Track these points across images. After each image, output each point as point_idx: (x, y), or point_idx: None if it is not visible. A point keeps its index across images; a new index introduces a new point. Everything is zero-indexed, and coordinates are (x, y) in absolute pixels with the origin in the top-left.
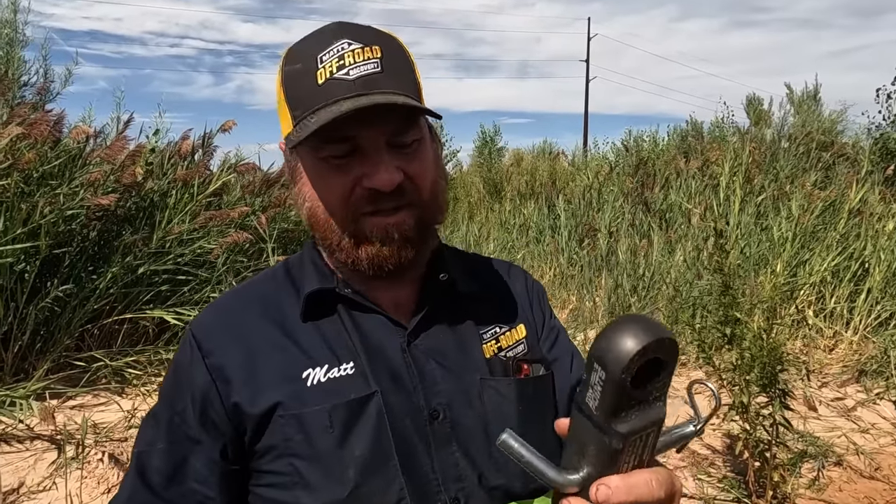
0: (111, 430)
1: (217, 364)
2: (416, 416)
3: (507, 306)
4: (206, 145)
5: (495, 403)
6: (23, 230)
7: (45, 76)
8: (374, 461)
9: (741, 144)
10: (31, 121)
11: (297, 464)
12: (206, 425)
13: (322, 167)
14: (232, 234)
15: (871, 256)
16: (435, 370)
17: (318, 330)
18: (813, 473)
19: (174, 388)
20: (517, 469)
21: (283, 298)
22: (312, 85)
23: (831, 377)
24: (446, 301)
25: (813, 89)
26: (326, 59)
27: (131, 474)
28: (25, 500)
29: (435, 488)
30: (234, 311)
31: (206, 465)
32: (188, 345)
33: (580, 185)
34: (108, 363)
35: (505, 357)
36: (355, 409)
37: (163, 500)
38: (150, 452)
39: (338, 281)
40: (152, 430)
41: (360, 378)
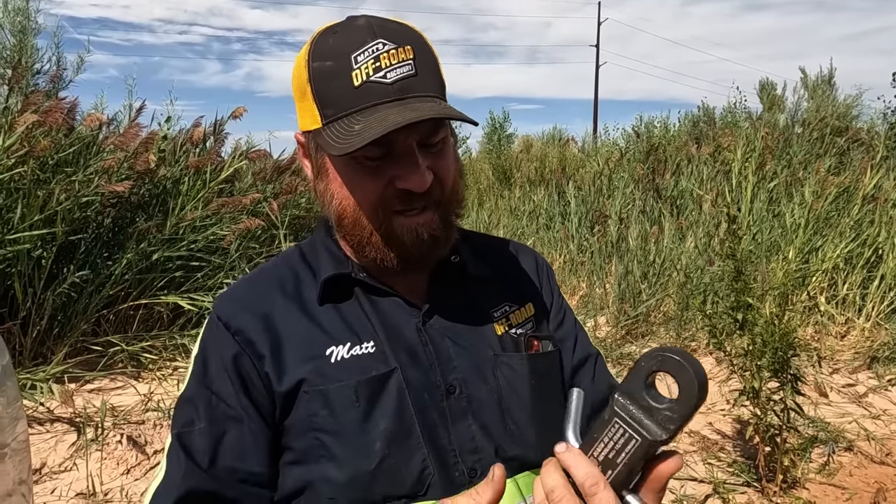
0: (129, 413)
1: (247, 341)
2: (434, 392)
3: (516, 286)
4: (218, 132)
5: (508, 378)
6: (39, 217)
7: (58, 64)
8: (398, 434)
9: (754, 130)
10: (45, 109)
11: (323, 438)
12: (247, 397)
13: (355, 168)
14: (244, 220)
15: (885, 243)
16: (450, 348)
17: (338, 311)
18: (823, 458)
19: (207, 370)
20: (532, 440)
21: (301, 282)
22: (348, 86)
23: (843, 364)
24: (458, 282)
25: (828, 73)
26: (362, 60)
27: (178, 455)
28: (48, 480)
29: (453, 459)
30: (255, 293)
31: (250, 440)
32: (215, 327)
33: (590, 172)
34: (125, 348)
35: (516, 334)
36: (378, 385)
37: (213, 477)
38: (192, 433)
39: (353, 266)
40: (190, 412)
41: (381, 356)
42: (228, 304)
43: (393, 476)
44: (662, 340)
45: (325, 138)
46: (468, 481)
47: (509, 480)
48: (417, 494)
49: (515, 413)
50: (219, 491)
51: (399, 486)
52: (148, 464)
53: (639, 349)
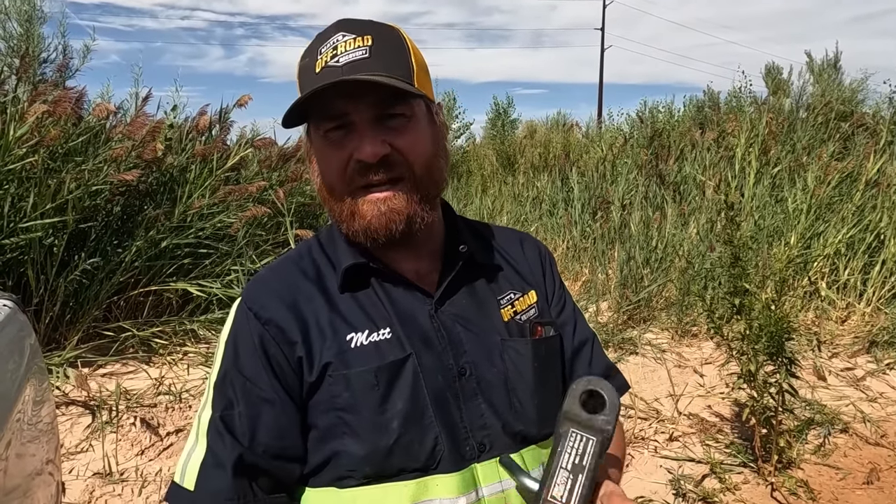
0: (141, 397)
1: (277, 329)
2: (447, 374)
3: (520, 274)
4: (223, 120)
5: (514, 361)
6: (51, 205)
7: (65, 53)
8: (413, 413)
9: (758, 115)
10: (54, 99)
11: (345, 417)
12: (279, 384)
13: (324, 144)
14: (251, 208)
15: (887, 228)
16: (461, 333)
17: (356, 300)
18: (819, 440)
19: (239, 356)
20: (534, 417)
21: (322, 270)
22: (312, 74)
23: (842, 348)
24: (465, 270)
25: (833, 57)
26: (323, 51)
27: (223, 433)
28: (65, 461)
29: (464, 435)
30: (282, 282)
31: (284, 418)
32: (244, 317)
33: (594, 158)
34: (136, 333)
35: (521, 320)
36: (395, 370)
37: (256, 455)
38: (232, 416)
39: (369, 256)
40: (229, 395)
41: (396, 342)
42: (258, 294)
43: (407, 452)
44: (664, 325)
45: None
46: (478, 455)
47: (516, 455)
48: (430, 468)
49: (520, 393)
50: (260, 464)
51: (413, 460)
52: (161, 445)
53: (640, 334)
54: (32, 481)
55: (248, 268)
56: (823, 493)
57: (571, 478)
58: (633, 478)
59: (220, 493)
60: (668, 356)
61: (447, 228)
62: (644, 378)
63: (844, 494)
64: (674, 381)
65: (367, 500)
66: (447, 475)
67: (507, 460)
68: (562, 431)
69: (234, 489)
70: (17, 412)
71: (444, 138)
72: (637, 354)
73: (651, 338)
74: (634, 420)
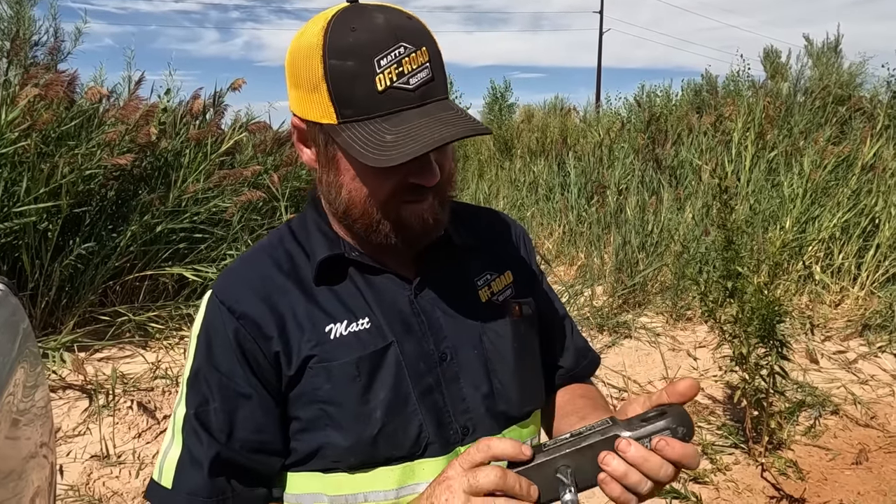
0: (138, 381)
1: (252, 323)
2: (428, 360)
3: (496, 254)
4: (217, 104)
5: (494, 342)
6: (44, 190)
7: (56, 36)
8: (396, 402)
9: (755, 99)
10: (46, 82)
11: (327, 409)
12: (256, 379)
13: (370, 167)
14: (245, 192)
15: (882, 212)
16: (440, 317)
17: (333, 291)
18: (810, 422)
19: (213, 352)
20: (515, 397)
21: (296, 261)
22: (371, 90)
23: (835, 331)
24: (443, 253)
25: (834, 40)
26: (385, 65)
27: (198, 431)
28: (63, 444)
29: (447, 419)
30: (254, 274)
31: (261, 413)
32: (217, 310)
33: (591, 142)
34: (132, 318)
35: (498, 301)
36: (377, 359)
37: (231, 449)
38: (208, 411)
39: (345, 245)
40: (203, 391)
41: (376, 331)
42: (231, 287)
43: (392, 441)
44: (659, 309)
45: (346, 139)
46: (461, 439)
47: (497, 437)
48: (415, 455)
49: (500, 374)
50: (238, 460)
51: (398, 448)
52: (158, 428)
53: (635, 318)
54: (27, 464)
55: (243, 252)
56: (812, 472)
57: (574, 440)
58: None
59: (196, 491)
60: (663, 340)
61: None
62: (638, 361)
63: (833, 474)
64: (667, 364)
65: (353, 485)
66: (433, 459)
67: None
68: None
69: (211, 488)
70: (8, 395)
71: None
72: (631, 338)
73: (646, 321)
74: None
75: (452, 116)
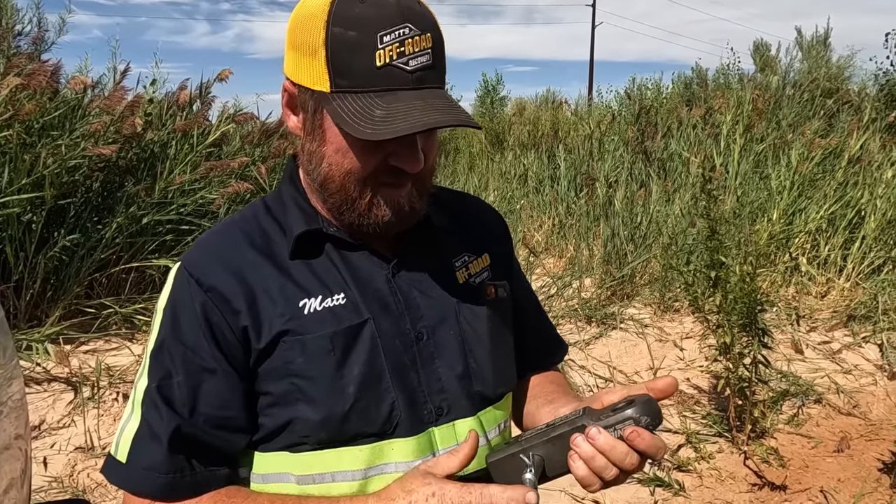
0: (124, 373)
1: (220, 297)
2: (404, 339)
3: (474, 238)
4: (204, 95)
5: (470, 322)
6: (27, 181)
7: (40, 25)
8: (370, 378)
9: (744, 92)
10: (28, 72)
11: (298, 382)
12: (221, 352)
13: (360, 140)
14: (233, 184)
15: (868, 204)
16: (417, 297)
17: (308, 266)
18: (793, 410)
19: (179, 325)
20: (490, 377)
21: (270, 236)
22: (369, 64)
23: (821, 322)
24: (422, 233)
25: (823, 33)
26: (388, 42)
27: (159, 404)
28: (47, 436)
29: (422, 399)
30: (225, 248)
31: (225, 388)
32: (185, 282)
33: (581, 135)
34: (118, 310)
35: (475, 282)
36: (352, 335)
37: (193, 425)
38: (171, 385)
39: (323, 221)
40: (166, 364)
41: (352, 307)
42: (200, 259)
43: (364, 417)
44: (646, 301)
45: (336, 108)
46: (436, 419)
47: (471, 418)
48: (386, 433)
49: (477, 354)
50: (200, 436)
51: (370, 424)
52: None
53: (622, 309)
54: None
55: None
56: (794, 460)
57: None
58: None
59: (153, 466)
60: (650, 331)
61: None
62: (625, 352)
63: (815, 462)
64: (654, 354)
65: (321, 464)
66: (403, 439)
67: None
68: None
69: (169, 463)
70: None
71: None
72: (619, 329)
73: (633, 313)
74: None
75: (445, 105)
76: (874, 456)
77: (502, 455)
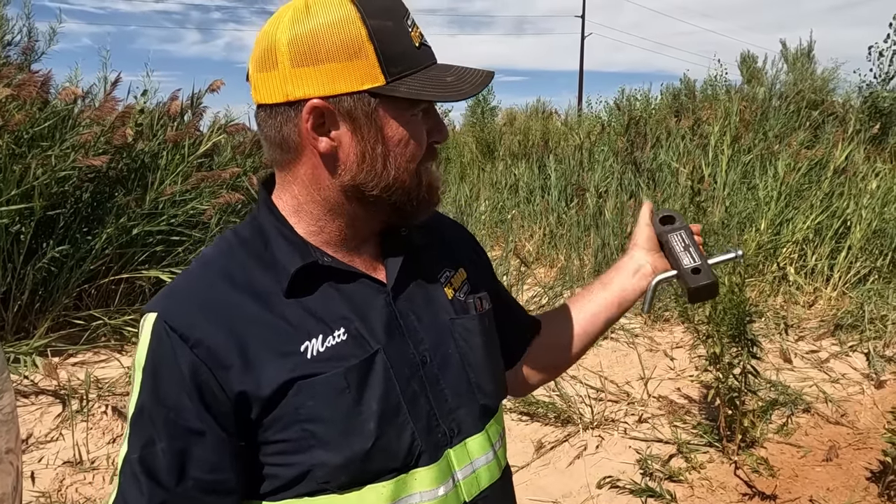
0: (113, 385)
1: (208, 352)
2: (411, 364)
3: (450, 252)
4: (195, 106)
5: (465, 338)
6: (16, 191)
7: (30, 35)
8: (388, 412)
9: (732, 103)
10: (18, 82)
11: (311, 427)
12: (209, 414)
13: (414, 122)
14: (224, 194)
15: (853, 214)
16: (414, 320)
17: (300, 303)
18: (782, 420)
19: (159, 385)
20: (490, 389)
21: (252, 273)
22: (411, 46)
23: (808, 331)
24: (406, 252)
25: (807, 46)
26: (410, 25)
27: (139, 478)
28: (35, 450)
29: (434, 423)
30: (205, 292)
31: (214, 451)
32: (165, 337)
33: (571, 145)
34: (107, 321)
35: (461, 297)
36: (365, 368)
37: (179, 496)
38: (154, 453)
39: (315, 251)
40: (148, 431)
41: (355, 340)
42: (178, 311)
43: (387, 452)
44: (636, 310)
45: (407, 91)
46: (449, 441)
47: (480, 434)
48: (409, 465)
49: (476, 369)
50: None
51: (393, 460)
52: None
53: None
54: None
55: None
56: (784, 469)
57: (688, 252)
58: (603, 458)
59: None
60: (641, 341)
61: None
62: (616, 362)
63: (804, 471)
64: (645, 364)
65: None
66: (426, 468)
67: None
68: (665, 240)
69: None
70: None
71: None
72: (609, 339)
73: (624, 322)
74: (605, 403)
75: (470, 69)
76: (862, 465)
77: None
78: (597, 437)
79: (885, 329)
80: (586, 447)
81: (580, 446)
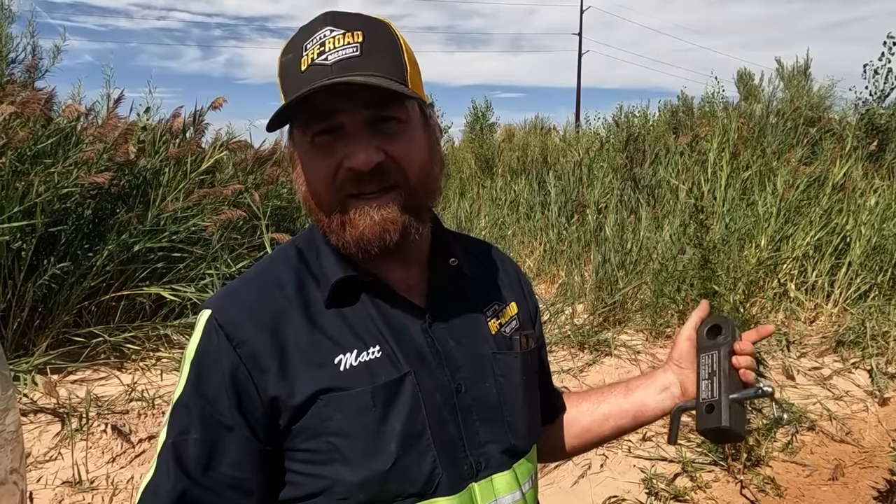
0: (113, 403)
1: (250, 354)
2: (444, 392)
3: (501, 286)
4: (197, 122)
5: (505, 374)
6: (19, 208)
7: (34, 53)
8: (411, 435)
9: (729, 120)
10: (22, 100)
11: (335, 441)
12: (241, 413)
13: (311, 150)
14: (226, 211)
15: (853, 231)
16: (454, 348)
17: (342, 316)
18: (787, 438)
19: (202, 378)
20: (524, 430)
21: (302, 283)
22: (297, 72)
23: (810, 348)
24: (454, 282)
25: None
26: (310, 47)
27: (169, 464)
28: (33, 469)
29: (461, 454)
30: (257, 298)
31: (241, 449)
32: (214, 333)
33: (571, 161)
34: (107, 339)
35: (506, 332)
36: (393, 389)
37: (202, 486)
38: (186, 442)
39: (359, 267)
40: (184, 420)
41: (389, 360)
42: (230, 311)
43: (405, 475)
44: (638, 327)
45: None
46: (475, 474)
47: (508, 472)
48: (427, 493)
49: (512, 406)
50: (207, 499)
51: (411, 484)
52: (133, 452)
53: (615, 335)
54: None
55: (222, 272)
56: (790, 489)
57: (711, 382)
58: (608, 477)
59: None
60: (643, 357)
61: (432, 238)
62: (619, 379)
63: (811, 490)
64: None
65: None
66: (445, 498)
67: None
68: (697, 361)
69: None
70: None
71: (437, 142)
72: (612, 356)
73: (626, 339)
74: None
75: (364, 77)
76: (869, 484)
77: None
78: (601, 455)
79: (887, 346)
80: (591, 466)
81: (584, 465)
